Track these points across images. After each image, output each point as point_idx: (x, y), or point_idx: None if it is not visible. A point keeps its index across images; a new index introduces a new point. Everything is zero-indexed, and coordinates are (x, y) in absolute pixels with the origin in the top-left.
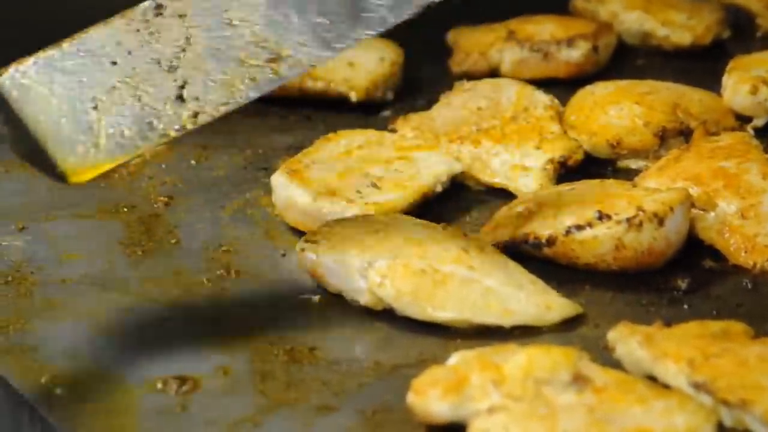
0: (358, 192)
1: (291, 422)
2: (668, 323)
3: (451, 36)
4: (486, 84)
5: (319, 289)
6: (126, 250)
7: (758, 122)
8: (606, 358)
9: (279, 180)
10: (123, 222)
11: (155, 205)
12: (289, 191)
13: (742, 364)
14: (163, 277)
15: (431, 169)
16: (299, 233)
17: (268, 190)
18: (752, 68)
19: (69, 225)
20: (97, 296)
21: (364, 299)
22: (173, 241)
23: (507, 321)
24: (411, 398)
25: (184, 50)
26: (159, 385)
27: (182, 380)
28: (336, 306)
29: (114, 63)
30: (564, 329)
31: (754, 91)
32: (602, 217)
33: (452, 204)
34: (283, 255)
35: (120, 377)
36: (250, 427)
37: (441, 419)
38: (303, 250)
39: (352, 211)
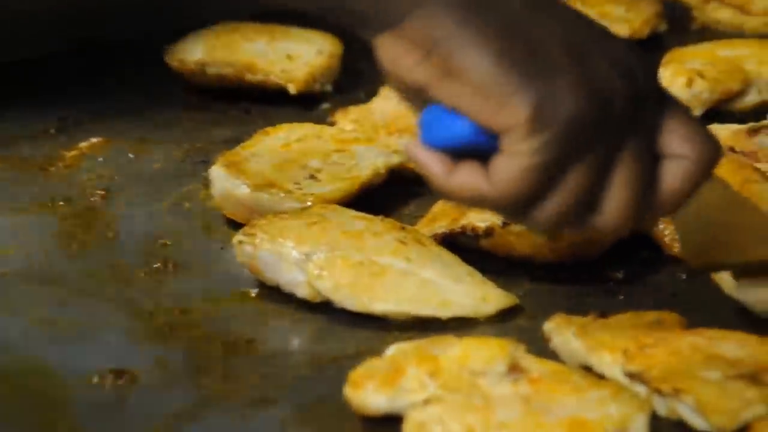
0: (297, 184)
1: (228, 415)
2: (603, 314)
3: None
4: None
5: (257, 281)
6: (62, 244)
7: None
8: (542, 348)
9: (217, 172)
10: (59, 216)
11: (92, 199)
12: (228, 183)
13: (676, 353)
14: (99, 271)
15: (370, 162)
16: (238, 226)
17: (207, 184)
18: (688, 61)
19: (4, 219)
20: (33, 290)
21: (302, 292)
22: (110, 234)
23: (444, 313)
24: (347, 390)
25: None
26: (95, 379)
27: (119, 374)
28: (274, 299)
29: None
30: (501, 320)
31: (690, 83)
32: None
33: (390, 196)
34: (222, 248)
35: (56, 372)
36: (187, 420)
37: (377, 411)
38: (240, 242)
39: (290, 203)
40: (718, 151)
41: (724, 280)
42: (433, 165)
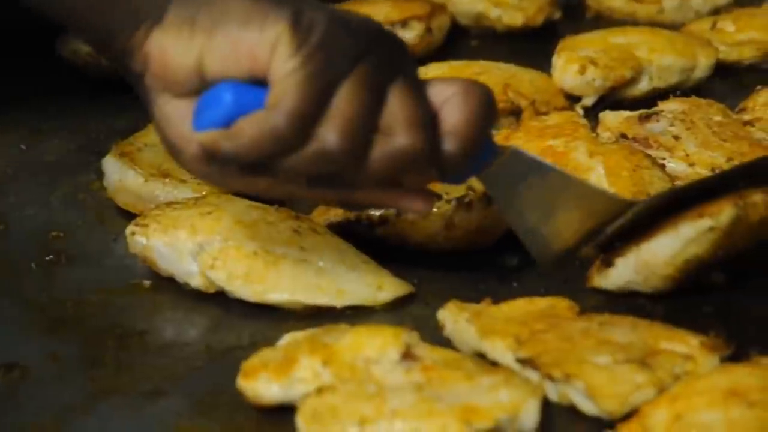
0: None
1: (121, 408)
2: (497, 300)
3: None
4: None
5: (151, 272)
6: None
7: (587, 101)
8: (436, 336)
9: (110, 163)
10: None
11: None
12: (121, 174)
13: (567, 339)
14: None
15: None
16: (132, 217)
17: (100, 174)
18: (581, 48)
19: None
20: None
21: (196, 282)
22: (1, 227)
23: (339, 301)
24: (240, 381)
25: None
26: None
27: (9, 368)
28: (167, 290)
29: None
30: (395, 309)
31: (582, 70)
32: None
33: None
34: (115, 239)
35: None
36: (79, 414)
37: (271, 401)
38: (133, 233)
39: (184, 192)
40: (481, 83)
41: (602, 278)
42: (211, 135)
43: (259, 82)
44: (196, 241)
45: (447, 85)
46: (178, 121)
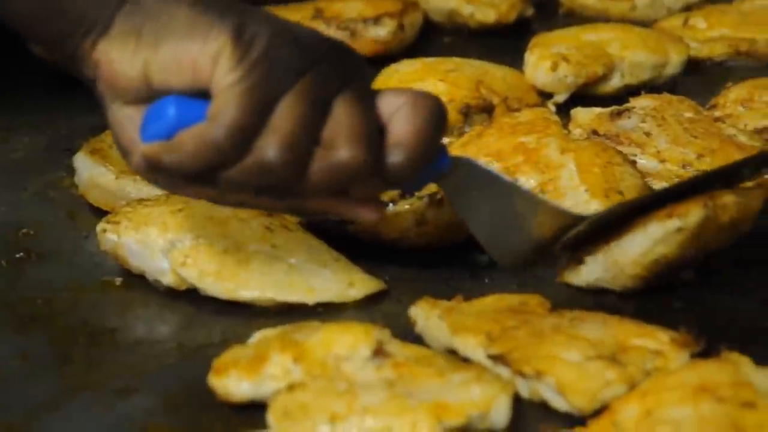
0: None
1: (91, 405)
2: (468, 297)
3: None
4: None
5: (122, 270)
6: None
7: (559, 98)
8: (408, 333)
9: (82, 160)
10: None
11: None
12: (92, 170)
13: (538, 335)
14: None
15: None
16: (103, 214)
17: (71, 172)
18: (553, 45)
19: None
20: None
21: (167, 280)
22: None
23: (310, 298)
24: (212, 378)
25: None
26: None
27: None
28: (139, 287)
29: None
30: (367, 305)
31: (555, 67)
32: (404, 193)
33: None
34: (86, 237)
35: None
36: (49, 412)
37: (242, 398)
38: (104, 231)
39: (155, 189)
40: (431, 94)
41: (573, 275)
42: (153, 148)
43: (206, 95)
44: (168, 239)
45: (397, 96)
46: (129, 127)
